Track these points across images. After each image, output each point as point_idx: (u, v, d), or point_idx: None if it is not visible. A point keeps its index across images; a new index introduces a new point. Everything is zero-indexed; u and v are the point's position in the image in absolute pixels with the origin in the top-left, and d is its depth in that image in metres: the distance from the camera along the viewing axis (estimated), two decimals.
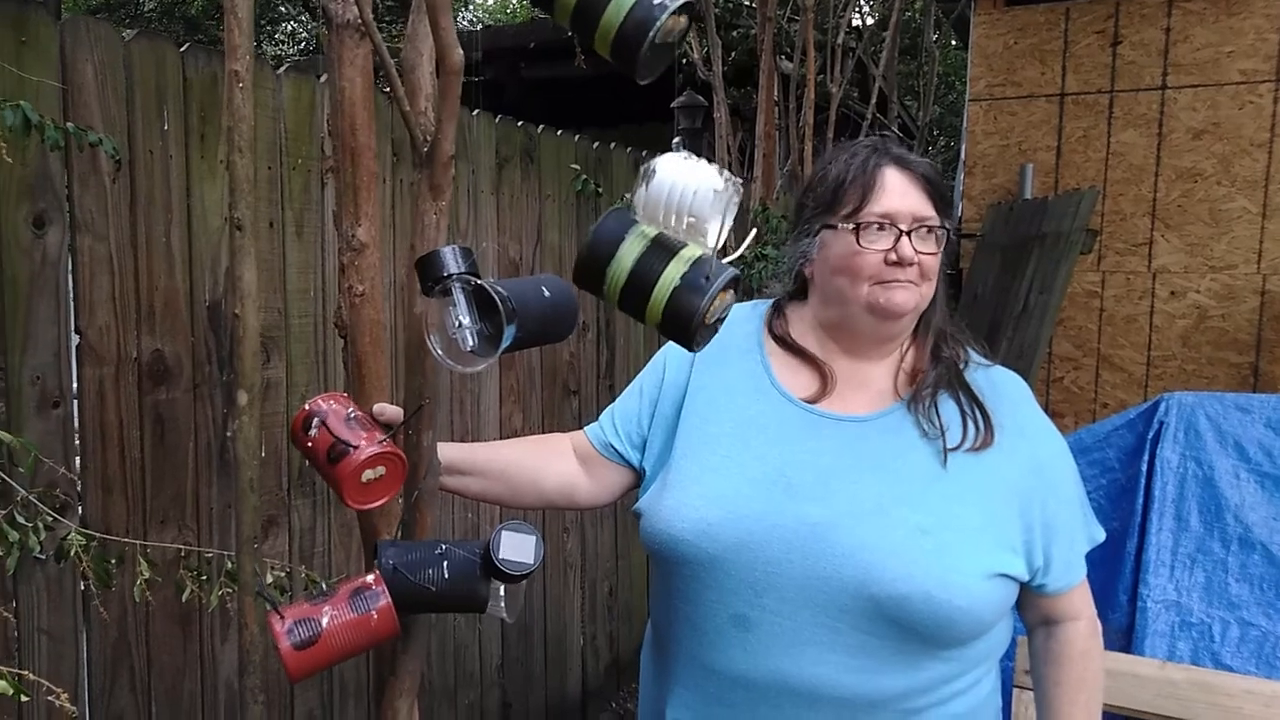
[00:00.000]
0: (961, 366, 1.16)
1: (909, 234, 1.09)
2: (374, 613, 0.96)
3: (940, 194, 1.14)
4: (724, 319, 0.94)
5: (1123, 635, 1.89)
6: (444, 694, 2.54)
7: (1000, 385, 1.17)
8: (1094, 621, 1.20)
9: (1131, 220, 3.77)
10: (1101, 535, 1.21)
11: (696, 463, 1.15)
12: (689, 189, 0.88)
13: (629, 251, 0.89)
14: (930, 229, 1.11)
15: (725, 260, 0.93)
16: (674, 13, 0.81)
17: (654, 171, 0.89)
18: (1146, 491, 1.95)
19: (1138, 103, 3.73)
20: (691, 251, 0.90)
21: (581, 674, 3.11)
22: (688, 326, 0.89)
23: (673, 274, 0.89)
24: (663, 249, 0.90)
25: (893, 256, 1.09)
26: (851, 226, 1.11)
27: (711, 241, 0.90)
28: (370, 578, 1.00)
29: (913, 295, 1.11)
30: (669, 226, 0.90)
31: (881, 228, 1.10)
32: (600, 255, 0.90)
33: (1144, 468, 1.97)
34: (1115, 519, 2.01)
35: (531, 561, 0.98)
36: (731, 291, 0.93)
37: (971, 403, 1.12)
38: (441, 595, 1.02)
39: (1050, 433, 1.18)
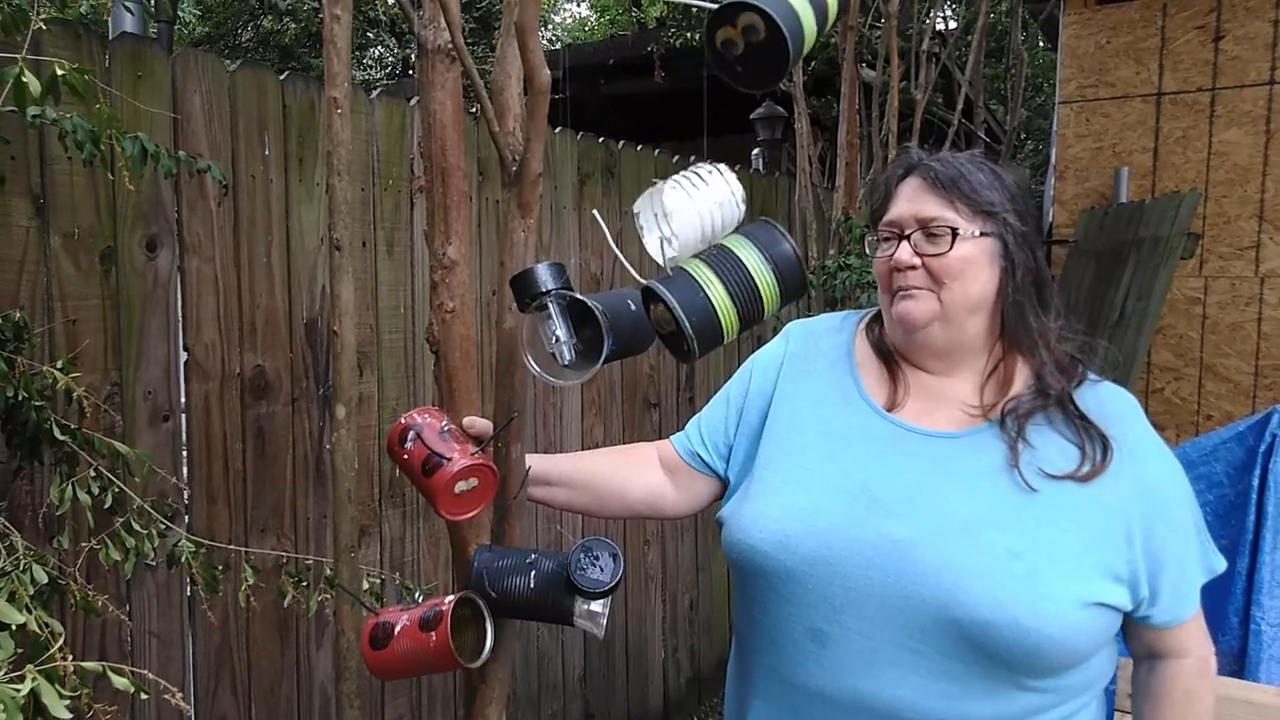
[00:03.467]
0: (1074, 387, 1.09)
1: (907, 237, 1.08)
2: (433, 636, 0.99)
3: (964, 192, 1.08)
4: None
5: (1234, 660, 1.80)
6: (528, 703, 2.57)
7: (1108, 403, 1.10)
8: (1205, 661, 1.12)
9: (1236, 223, 3.60)
10: (1222, 565, 1.12)
11: (778, 472, 1.13)
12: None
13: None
14: (935, 231, 1.06)
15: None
16: (713, 25, 0.81)
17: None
18: (1259, 508, 1.85)
19: (1242, 100, 3.56)
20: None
21: (663, 686, 3.10)
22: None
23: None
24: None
25: (892, 263, 1.09)
26: (874, 239, 1.14)
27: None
28: (448, 599, 1.02)
29: (925, 304, 1.07)
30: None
31: (887, 238, 1.11)
32: None
33: (1255, 482, 1.87)
34: (1224, 537, 1.91)
35: (607, 580, 0.98)
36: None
37: (1089, 429, 1.06)
38: (527, 604, 1.04)
39: (1160, 452, 1.11)
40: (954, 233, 1.06)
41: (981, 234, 1.08)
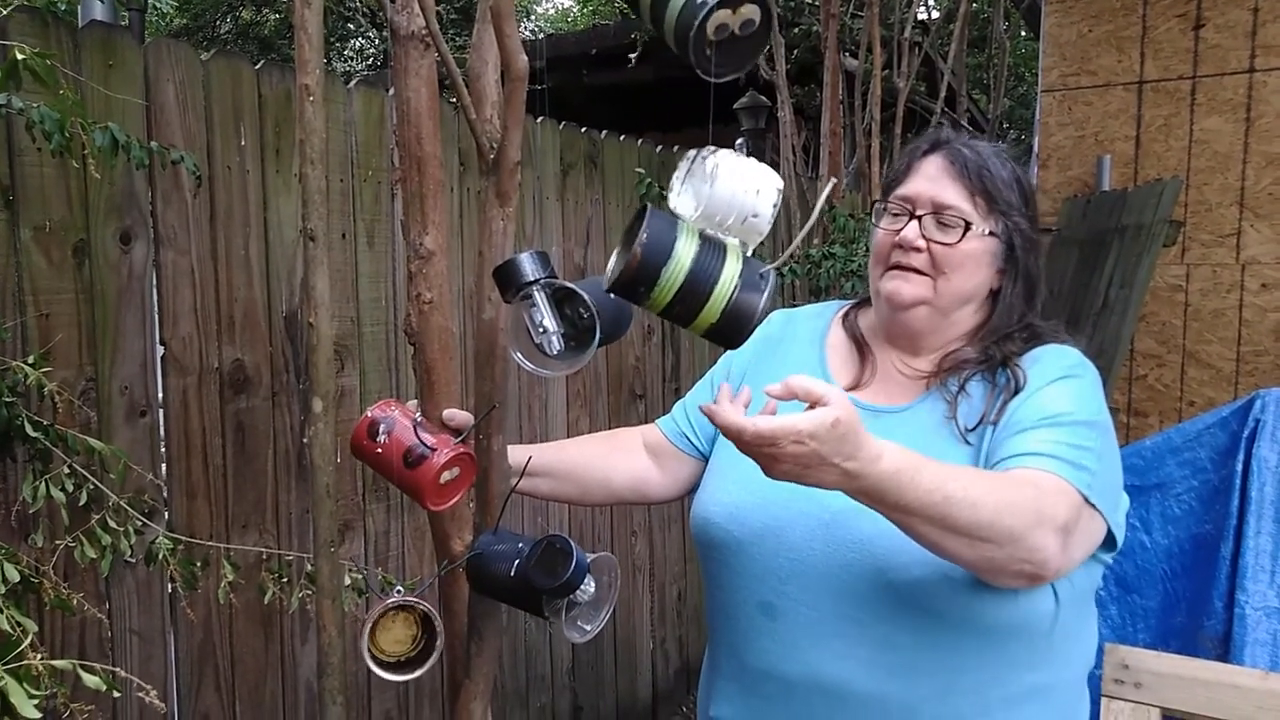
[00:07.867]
0: (1015, 355, 1.07)
1: (919, 219, 1.06)
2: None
3: (987, 189, 1.07)
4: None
5: (1219, 643, 1.80)
6: (516, 697, 2.56)
7: (1035, 356, 1.08)
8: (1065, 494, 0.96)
9: (1218, 210, 3.61)
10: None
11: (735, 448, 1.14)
12: (753, 188, 0.86)
13: (685, 251, 0.84)
14: (948, 221, 1.05)
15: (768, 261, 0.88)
16: (715, 7, 0.79)
17: (718, 169, 0.86)
18: (1243, 492, 1.86)
19: (1223, 88, 3.57)
20: (736, 249, 0.87)
21: (651, 677, 3.10)
22: (749, 324, 0.86)
23: (732, 272, 0.85)
24: (714, 247, 0.85)
25: (897, 240, 1.07)
26: (882, 208, 1.11)
27: (758, 239, 0.88)
28: (390, 600, 1.06)
29: (917, 288, 1.07)
30: (723, 225, 0.86)
31: (898, 212, 1.09)
32: (658, 256, 0.83)
33: (1239, 467, 1.88)
34: (1209, 521, 1.92)
35: (552, 579, 0.97)
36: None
37: (1010, 376, 1.04)
38: (505, 589, 1.04)
39: (1046, 378, 1.04)
40: (967, 226, 1.06)
41: (990, 233, 1.07)
